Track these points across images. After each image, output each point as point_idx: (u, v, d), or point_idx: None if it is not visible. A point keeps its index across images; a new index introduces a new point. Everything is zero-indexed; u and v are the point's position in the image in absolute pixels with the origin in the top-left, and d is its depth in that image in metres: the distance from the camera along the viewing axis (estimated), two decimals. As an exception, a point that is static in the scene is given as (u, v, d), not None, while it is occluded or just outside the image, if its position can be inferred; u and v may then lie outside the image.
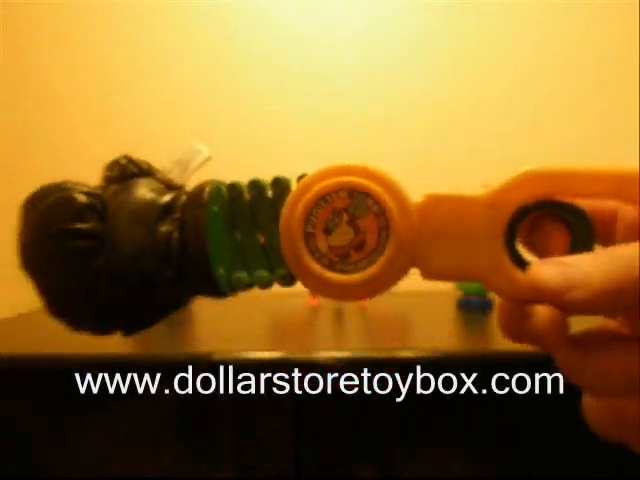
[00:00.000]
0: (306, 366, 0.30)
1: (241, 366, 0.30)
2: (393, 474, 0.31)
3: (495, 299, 0.53)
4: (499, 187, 0.19)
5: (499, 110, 0.85)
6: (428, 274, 0.19)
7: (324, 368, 0.30)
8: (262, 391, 0.30)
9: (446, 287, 0.60)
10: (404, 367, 0.31)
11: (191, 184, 0.23)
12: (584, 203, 0.18)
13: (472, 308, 0.52)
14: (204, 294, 0.22)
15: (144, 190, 0.22)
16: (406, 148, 0.84)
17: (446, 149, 0.84)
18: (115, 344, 0.35)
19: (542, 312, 0.19)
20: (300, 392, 0.30)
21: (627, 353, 0.17)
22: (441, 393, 0.31)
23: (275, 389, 0.30)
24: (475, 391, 0.31)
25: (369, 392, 0.31)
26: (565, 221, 0.19)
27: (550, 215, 0.19)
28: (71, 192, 0.21)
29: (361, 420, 0.31)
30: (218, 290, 0.21)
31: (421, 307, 0.57)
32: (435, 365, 0.31)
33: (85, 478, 0.30)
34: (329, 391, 0.30)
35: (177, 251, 0.21)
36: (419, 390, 0.31)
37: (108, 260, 0.20)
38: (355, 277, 0.19)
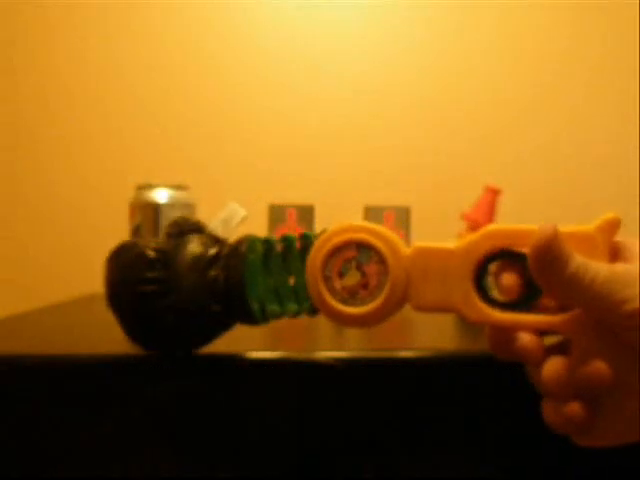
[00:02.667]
0: (306, 366, 0.30)
1: (241, 366, 0.30)
2: (393, 474, 0.31)
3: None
4: (469, 240, 0.25)
5: (499, 110, 0.85)
6: (417, 307, 0.26)
7: (324, 368, 0.30)
8: (262, 391, 0.30)
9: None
10: (404, 367, 0.31)
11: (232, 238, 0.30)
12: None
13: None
14: (243, 322, 0.29)
15: (196, 244, 0.29)
16: (407, 148, 0.84)
17: (446, 149, 0.84)
18: (115, 344, 0.35)
19: (522, 336, 0.25)
20: (300, 392, 0.30)
21: (554, 365, 0.24)
22: (441, 393, 0.31)
23: (275, 389, 0.30)
24: (475, 391, 0.31)
25: (369, 392, 0.31)
26: (518, 265, 0.25)
27: (509, 261, 0.25)
28: (143, 249, 0.28)
29: (361, 420, 0.31)
30: (254, 319, 0.29)
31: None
32: (435, 365, 0.31)
33: (85, 478, 0.30)
34: (329, 391, 0.30)
35: (222, 290, 0.28)
36: (419, 390, 0.31)
37: (173, 299, 0.28)
38: (362, 310, 0.26)
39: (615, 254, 0.26)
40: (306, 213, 0.54)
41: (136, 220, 0.54)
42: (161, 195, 0.54)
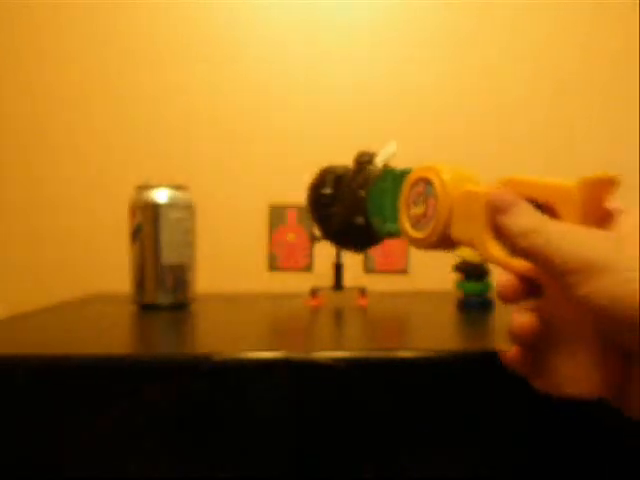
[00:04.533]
0: (306, 366, 0.30)
1: (241, 366, 0.30)
2: (393, 474, 0.31)
3: (495, 299, 0.53)
4: (489, 186, 0.28)
5: (500, 110, 0.85)
6: (456, 240, 0.29)
7: (324, 368, 0.30)
8: (262, 391, 0.30)
9: (446, 287, 0.60)
10: (404, 367, 0.31)
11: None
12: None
13: (472, 308, 0.52)
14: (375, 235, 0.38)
15: (362, 172, 0.39)
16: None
17: (447, 149, 0.84)
18: (115, 344, 0.35)
19: (500, 277, 0.27)
20: (299, 392, 0.30)
21: (519, 311, 0.26)
22: (441, 393, 0.31)
23: (275, 389, 0.30)
24: (475, 391, 0.31)
25: (369, 392, 0.31)
26: None
27: None
28: (324, 172, 0.41)
29: (361, 420, 0.31)
30: (377, 235, 0.37)
31: (421, 307, 0.57)
32: (435, 365, 0.31)
33: (85, 478, 0.30)
34: (328, 391, 0.30)
35: (363, 208, 0.37)
36: (419, 390, 0.31)
37: (334, 210, 0.39)
38: (420, 234, 0.31)
39: (604, 220, 0.25)
40: (306, 213, 0.54)
41: (136, 220, 0.54)
42: (161, 195, 0.54)
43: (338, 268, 0.55)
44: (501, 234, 0.26)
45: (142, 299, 0.54)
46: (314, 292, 0.54)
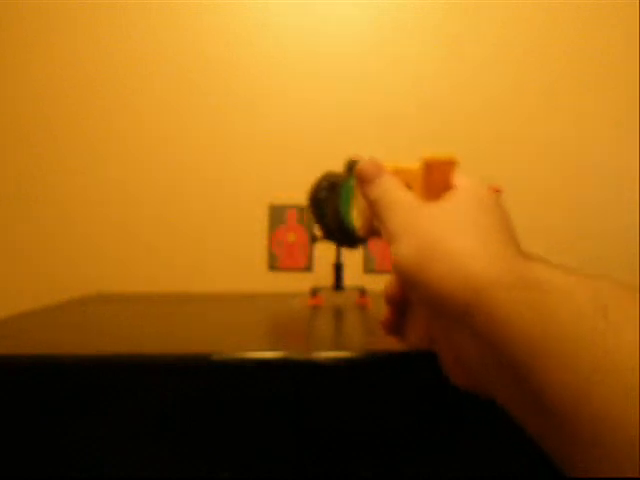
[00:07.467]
0: (306, 366, 0.30)
1: (241, 366, 0.30)
2: (393, 474, 0.31)
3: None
4: (418, 165, 0.29)
5: (500, 111, 0.85)
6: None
7: (324, 368, 0.30)
8: (262, 391, 0.30)
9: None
10: (404, 367, 0.31)
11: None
12: None
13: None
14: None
15: (342, 177, 0.40)
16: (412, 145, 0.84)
17: (447, 150, 0.84)
18: (115, 344, 0.35)
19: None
20: (300, 392, 0.30)
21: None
22: (441, 393, 0.31)
23: (275, 389, 0.30)
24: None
25: (369, 392, 0.31)
26: None
27: None
28: (320, 179, 0.42)
29: (361, 420, 0.31)
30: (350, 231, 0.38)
31: (421, 307, 0.57)
32: (435, 365, 0.31)
33: (85, 478, 0.30)
34: (329, 391, 0.30)
35: (324, 208, 0.41)
36: (419, 390, 0.31)
37: (329, 212, 0.40)
38: (358, 224, 0.35)
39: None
40: (308, 214, 0.54)
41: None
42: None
43: (338, 268, 0.55)
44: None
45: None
46: (314, 292, 0.54)
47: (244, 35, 0.82)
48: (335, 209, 0.38)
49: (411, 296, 0.28)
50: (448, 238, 0.23)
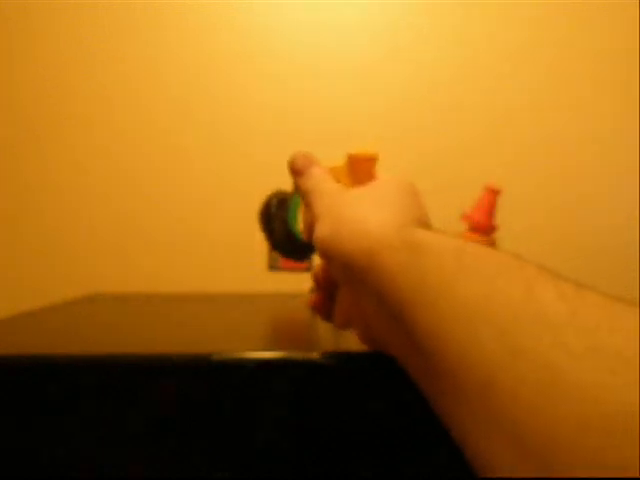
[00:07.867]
0: (306, 366, 0.30)
1: (241, 366, 0.30)
2: (393, 474, 0.31)
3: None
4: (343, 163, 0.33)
5: (499, 110, 0.85)
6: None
7: (324, 368, 0.30)
8: (262, 391, 0.30)
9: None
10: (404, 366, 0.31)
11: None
12: None
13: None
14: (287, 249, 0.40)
15: (290, 194, 0.40)
16: (409, 143, 0.84)
17: (446, 149, 0.84)
18: (115, 344, 0.35)
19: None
20: (300, 392, 0.30)
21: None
22: (441, 393, 0.31)
23: (275, 389, 0.30)
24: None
25: (369, 392, 0.31)
26: None
27: None
28: (270, 197, 0.41)
29: (361, 420, 0.31)
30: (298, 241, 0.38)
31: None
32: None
33: (84, 478, 0.30)
34: (328, 391, 0.30)
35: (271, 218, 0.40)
36: (419, 390, 0.31)
37: (277, 226, 0.40)
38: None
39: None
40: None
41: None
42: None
43: (338, 268, 0.55)
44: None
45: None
46: (314, 292, 0.54)
47: (244, 34, 0.82)
48: (283, 221, 0.39)
49: (333, 273, 0.29)
50: (355, 210, 0.26)
